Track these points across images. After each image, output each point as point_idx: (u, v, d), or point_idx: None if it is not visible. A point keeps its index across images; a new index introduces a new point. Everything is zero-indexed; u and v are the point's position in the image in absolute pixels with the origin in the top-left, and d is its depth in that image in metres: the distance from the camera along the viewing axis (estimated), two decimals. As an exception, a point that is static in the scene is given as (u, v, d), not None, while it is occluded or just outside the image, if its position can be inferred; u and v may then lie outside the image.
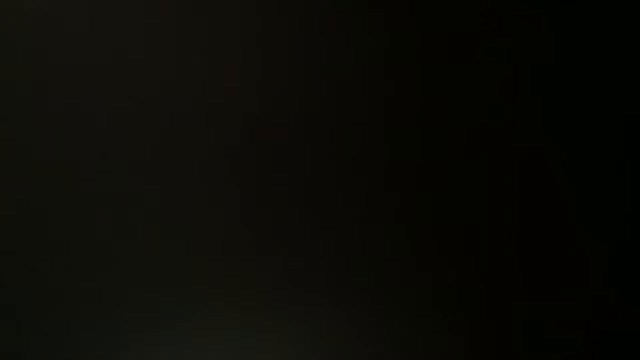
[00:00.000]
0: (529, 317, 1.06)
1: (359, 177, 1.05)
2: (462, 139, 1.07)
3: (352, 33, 1.06)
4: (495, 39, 1.08)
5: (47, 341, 1.00)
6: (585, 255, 1.07)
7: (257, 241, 1.03)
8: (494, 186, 1.07)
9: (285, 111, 1.05)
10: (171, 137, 1.03)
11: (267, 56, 1.05)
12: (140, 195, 1.02)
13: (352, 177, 1.05)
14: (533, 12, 1.09)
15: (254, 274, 1.03)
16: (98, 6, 1.04)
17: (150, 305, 1.01)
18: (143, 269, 1.01)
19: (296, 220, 1.04)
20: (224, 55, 1.05)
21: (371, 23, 1.07)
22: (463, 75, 1.08)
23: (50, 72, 1.02)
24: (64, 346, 1.00)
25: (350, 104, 1.06)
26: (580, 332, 1.06)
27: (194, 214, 1.02)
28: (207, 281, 1.02)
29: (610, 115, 1.08)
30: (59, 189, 1.01)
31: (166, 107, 1.04)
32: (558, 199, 1.07)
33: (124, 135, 1.03)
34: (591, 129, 1.08)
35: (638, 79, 1.09)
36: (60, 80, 1.02)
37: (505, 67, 1.08)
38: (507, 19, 1.08)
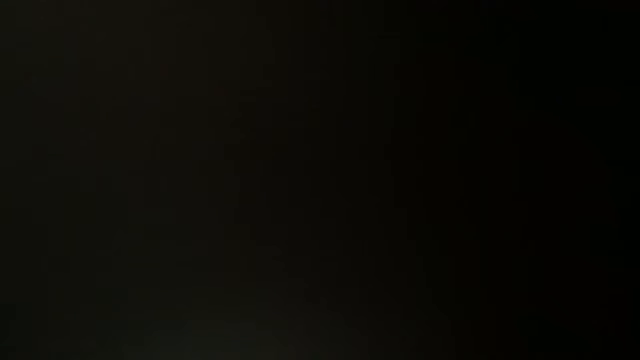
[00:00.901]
0: (529, 317, 1.06)
1: (360, 176, 1.05)
2: (463, 139, 1.07)
3: (353, 33, 1.07)
4: (496, 38, 1.08)
5: (47, 341, 1.00)
6: (587, 254, 1.07)
7: (257, 241, 1.03)
8: (495, 186, 1.07)
9: (285, 110, 1.05)
10: (171, 137, 1.03)
11: (268, 56, 1.05)
12: (140, 195, 1.02)
13: (352, 176, 1.05)
14: (534, 11, 1.09)
15: (254, 274, 1.03)
16: (98, 6, 1.04)
17: (150, 305, 1.01)
18: (143, 269, 1.01)
19: (296, 220, 1.04)
20: (225, 55, 1.05)
21: (371, 22, 1.07)
22: (464, 75, 1.08)
23: (51, 72, 1.02)
24: (64, 346, 1.00)
25: (350, 104, 1.06)
26: (580, 332, 1.06)
27: (194, 213, 1.02)
28: (207, 281, 1.02)
29: (611, 115, 1.09)
30: (59, 188, 1.01)
31: (166, 107, 1.04)
32: (558, 198, 1.07)
33: (124, 135, 1.03)
34: (592, 128, 1.08)
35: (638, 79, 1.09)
36: (60, 80, 1.02)
37: (505, 67, 1.08)
38: (508, 18, 1.08)
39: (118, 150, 1.03)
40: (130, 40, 1.04)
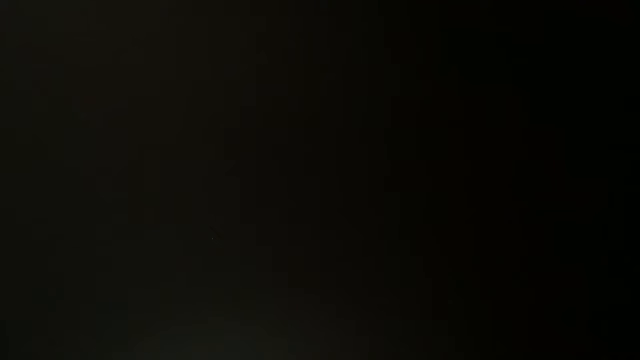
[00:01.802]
0: (529, 317, 1.06)
1: (360, 176, 1.05)
2: (463, 139, 1.07)
3: (353, 33, 1.07)
4: (496, 37, 1.08)
5: (47, 341, 1.00)
6: (587, 254, 1.07)
7: (257, 241, 1.03)
8: (495, 186, 1.07)
9: (285, 111, 1.05)
10: (171, 137, 1.03)
11: (267, 56, 1.05)
12: (140, 195, 1.02)
13: (353, 177, 1.05)
14: (534, 10, 1.09)
15: (254, 274, 1.03)
16: (98, 6, 1.04)
17: (150, 305, 1.01)
18: (143, 269, 1.01)
19: (296, 219, 1.04)
20: (224, 56, 1.05)
21: (371, 22, 1.07)
22: (463, 74, 1.08)
23: (51, 72, 1.02)
24: (64, 346, 1.00)
25: (350, 104, 1.06)
26: (580, 331, 1.06)
27: (194, 213, 1.02)
28: (207, 281, 1.02)
29: (611, 115, 1.09)
30: (59, 189, 1.01)
31: (166, 107, 1.04)
32: (558, 198, 1.07)
33: (123, 135, 1.03)
34: (592, 129, 1.08)
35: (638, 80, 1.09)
36: (61, 80, 1.02)
37: (506, 67, 1.08)
38: (508, 17, 1.08)
39: (118, 150, 1.02)
40: (130, 40, 1.04)
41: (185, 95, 1.04)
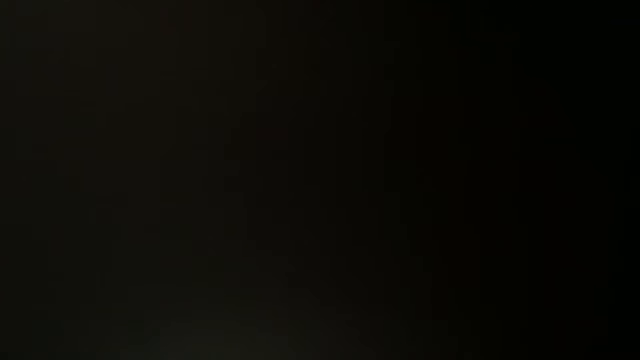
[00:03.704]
0: (529, 317, 1.06)
1: (360, 178, 1.05)
2: (463, 139, 1.07)
3: (353, 33, 1.07)
4: (496, 39, 1.08)
5: (47, 341, 1.00)
6: (586, 256, 1.07)
7: (257, 241, 1.03)
8: (495, 186, 1.07)
9: (285, 111, 1.05)
10: (171, 137, 1.03)
11: (267, 56, 1.05)
12: (140, 195, 1.02)
13: (353, 178, 1.05)
14: (534, 11, 1.09)
15: (253, 274, 1.03)
16: (98, 6, 1.04)
17: (150, 305, 1.01)
18: (142, 269, 1.01)
19: (296, 220, 1.04)
20: (224, 56, 1.05)
21: (372, 24, 1.07)
22: (464, 76, 1.08)
23: (51, 72, 1.02)
24: (64, 346, 1.00)
25: (350, 104, 1.06)
26: (581, 332, 1.06)
27: (194, 214, 1.02)
28: (207, 281, 1.02)
29: (612, 117, 1.09)
30: (59, 189, 1.01)
31: (166, 107, 1.03)
32: (558, 198, 1.07)
33: (123, 135, 1.03)
34: (592, 130, 1.09)
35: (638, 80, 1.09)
36: (61, 80, 1.02)
37: (506, 68, 1.08)
38: (508, 18, 1.09)
39: (119, 150, 1.02)
40: (131, 40, 1.04)
41: (184, 95, 1.04)
